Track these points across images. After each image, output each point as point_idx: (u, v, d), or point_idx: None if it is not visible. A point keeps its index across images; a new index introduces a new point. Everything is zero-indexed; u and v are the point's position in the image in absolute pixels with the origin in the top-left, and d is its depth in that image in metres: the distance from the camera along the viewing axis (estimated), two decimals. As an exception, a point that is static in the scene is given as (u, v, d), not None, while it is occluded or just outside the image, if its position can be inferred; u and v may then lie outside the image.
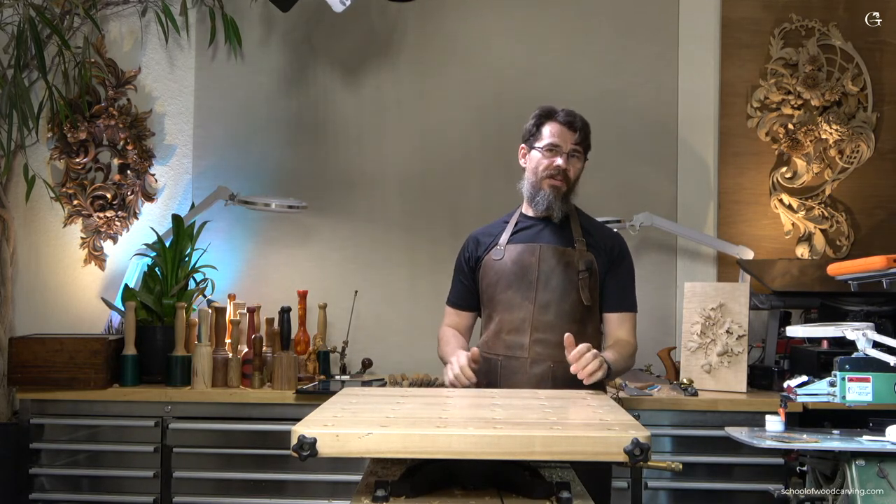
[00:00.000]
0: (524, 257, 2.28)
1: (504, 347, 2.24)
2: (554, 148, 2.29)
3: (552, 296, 2.24)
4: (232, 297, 3.25)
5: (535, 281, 2.25)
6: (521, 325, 2.23)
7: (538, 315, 2.23)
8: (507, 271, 2.28)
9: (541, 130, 2.32)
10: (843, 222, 3.32)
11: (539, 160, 2.31)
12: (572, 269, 2.26)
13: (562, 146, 2.29)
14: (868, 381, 2.01)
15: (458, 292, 2.45)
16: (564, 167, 2.29)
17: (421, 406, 1.70)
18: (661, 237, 3.33)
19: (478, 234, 2.44)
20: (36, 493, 2.86)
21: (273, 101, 3.42)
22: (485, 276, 2.33)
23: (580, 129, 2.30)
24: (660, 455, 2.74)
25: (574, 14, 3.40)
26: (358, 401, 1.77)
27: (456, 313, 2.45)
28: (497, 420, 1.50)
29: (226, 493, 2.82)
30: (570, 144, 2.29)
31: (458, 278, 2.44)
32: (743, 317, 2.90)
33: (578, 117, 2.32)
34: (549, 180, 2.29)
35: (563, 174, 2.29)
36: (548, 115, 2.33)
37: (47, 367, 2.84)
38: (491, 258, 2.32)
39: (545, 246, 2.28)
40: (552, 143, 2.29)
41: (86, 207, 3.34)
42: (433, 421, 1.48)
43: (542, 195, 2.30)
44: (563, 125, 2.30)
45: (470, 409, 1.65)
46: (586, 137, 2.33)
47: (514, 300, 2.26)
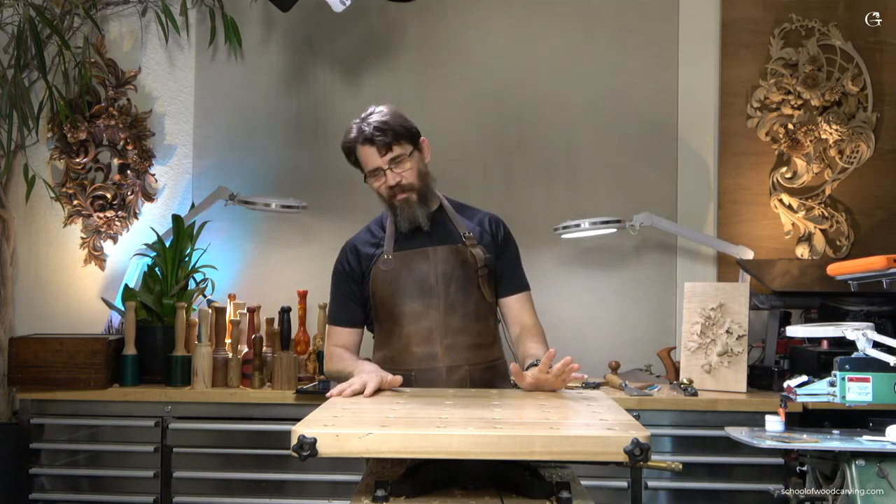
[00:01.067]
0: (418, 263, 2.15)
1: (416, 360, 2.12)
2: (375, 172, 2.15)
3: (455, 298, 2.13)
4: (232, 297, 3.25)
5: (435, 286, 2.13)
6: (430, 335, 2.12)
7: (445, 321, 2.12)
8: (403, 281, 2.14)
9: (358, 160, 2.17)
10: (843, 222, 3.32)
11: (374, 186, 2.18)
12: (469, 266, 2.15)
13: (380, 166, 2.13)
14: (868, 381, 2.01)
15: (341, 308, 2.24)
16: (394, 182, 2.13)
17: (421, 406, 1.70)
18: (661, 237, 3.33)
19: (354, 243, 2.26)
20: (36, 493, 2.86)
21: (273, 101, 3.42)
22: (377, 290, 2.17)
23: (379, 139, 2.11)
24: (660, 455, 2.74)
25: (574, 14, 3.40)
26: (358, 401, 1.77)
27: (343, 331, 2.24)
28: (497, 420, 1.50)
29: (226, 493, 2.82)
30: (382, 160, 2.13)
31: (340, 294, 2.24)
32: (743, 317, 2.90)
33: (372, 127, 2.12)
34: (392, 199, 2.16)
35: (401, 187, 2.14)
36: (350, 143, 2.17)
37: (47, 367, 2.84)
38: (379, 269, 2.16)
39: (437, 248, 2.16)
40: (371, 169, 2.15)
41: (86, 207, 3.34)
42: (433, 421, 1.48)
43: (400, 213, 2.16)
44: (365, 146, 2.13)
45: (470, 409, 1.65)
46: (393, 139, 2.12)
47: (417, 310, 2.13)
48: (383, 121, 2.13)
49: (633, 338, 3.32)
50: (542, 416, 1.56)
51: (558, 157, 3.37)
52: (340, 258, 2.25)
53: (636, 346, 3.29)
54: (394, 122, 2.14)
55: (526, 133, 3.38)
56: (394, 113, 2.17)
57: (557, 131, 3.37)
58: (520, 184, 3.37)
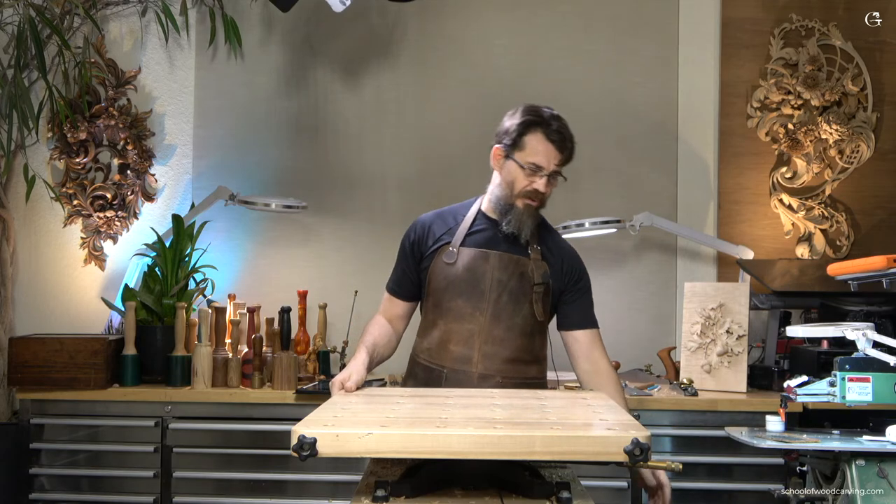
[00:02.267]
0: (477, 264, 2.09)
1: (451, 359, 2.09)
2: (537, 170, 2.05)
3: (504, 308, 2.08)
4: (232, 297, 3.25)
5: (487, 291, 2.08)
6: (470, 338, 2.08)
7: (488, 328, 2.07)
8: (458, 278, 2.09)
9: (524, 139, 2.06)
10: (843, 222, 3.32)
11: (517, 176, 2.08)
12: (526, 280, 2.09)
13: (545, 167, 2.05)
14: (868, 381, 2.01)
15: (398, 279, 2.22)
16: (543, 190, 2.07)
17: (421, 406, 1.70)
18: (661, 237, 3.33)
19: (429, 220, 2.20)
20: (36, 493, 2.85)
21: (273, 101, 3.42)
22: (433, 279, 2.13)
23: (568, 149, 2.07)
24: (659, 455, 2.74)
25: (574, 14, 3.40)
26: (358, 401, 1.77)
27: (393, 301, 2.23)
28: (497, 420, 1.50)
29: (226, 493, 2.82)
30: (554, 165, 2.06)
31: (401, 265, 2.21)
32: (743, 317, 2.90)
33: (568, 135, 2.07)
34: (524, 199, 2.08)
35: (541, 197, 2.09)
36: (536, 124, 2.05)
37: (47, 367, 2.84)
38: (442, 261, 2.11)
39: (499, 253, 2.09)
40: (536, 163, 2.05)
41: (86, 207, 3.34)
42: (433, 421, 1.48)
43: (514, 213, 2.09)
44: (552, 143, 2.04)
45: (470, 409, 1.65)
46: (572, 156, 2.09)
47: (464, 310, 2.08)
48: (572, 138, 2.08)
49: (633, 338, 3.32)
50: (542, 416, 1.56)
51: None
52: (409, 232, 2.21)
53: (636, 347, 3.29)
54: (574, 144, 2.10)
55: (526, 133, 3.38)
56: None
57: (557, 131, 3.37)
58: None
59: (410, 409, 1.64)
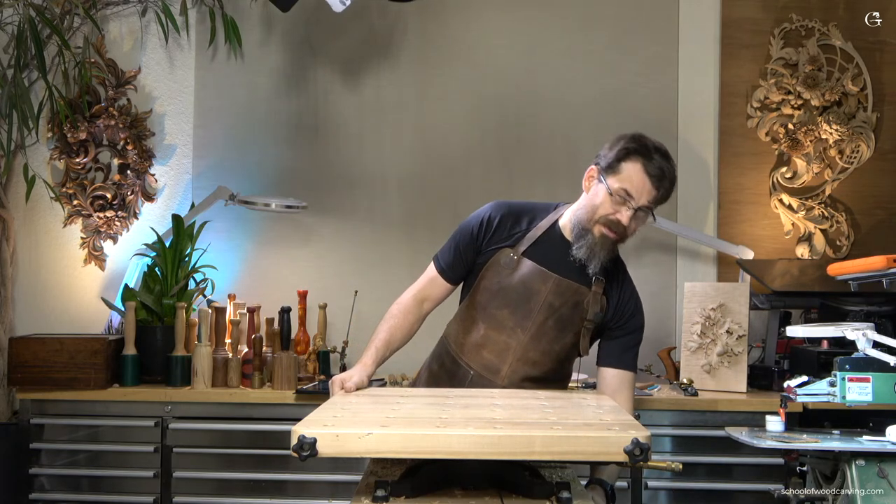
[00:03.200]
0: (534, 281, 2.00)
1: (481, 363, 2.04)
2: (626, 198, 1.92)
3: (547, 332, 2.01)
4: (232, 297, 3.25)
5: (535, 311, 2.00)
6: (505, 351, 2.02)
7: (525, 347, 2.02)
8: (510, 288, 2.01)
9: (621, 165, 1.93)
10: (843, 222, 3.32)
11: (602, 200, 1.95)
12: (579, 311, 2.01)
13: (635, 198, 1.92)
14: (868, 381, 2.01)
15: (451, 262, 2.09)
16: (626, 222, 1.93)
17: (421, 406, 1.70)
18: (661, 237, 3.33)
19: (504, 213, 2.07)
20: (36, 493, 2.85)
21: (273, 101, 3.42)
22: (486, 277, 2.05)
23: (663, 187, 1.93)
24: (660, 455, 2.74)
25: (574, 14, 3.40)
26: (358, 401, 1.77)
27: (436, 282, 2.10)
28: (497, 420, 1.50)
29: (226, 493, 2.82)
30: (646, 201, 1.93)
31: (459, 247, 2.08)
32: (743, 317, 2.90)
33: (669, 173, 1.93)
34: (602, 227, 1.96)
35: (623, 230, 1.95)
36: (637, 153, 1.93)
37: (47, 367, 2.84)
38: (499, 262, 2.03)
39: (559, 278, 2.00)
40: (626, 190, 1.92)
41: (86, 207, 3.34)
42: (433, 421, 1.48)
43: (587, 240, 1.96)
44: (648, 176, 1.91)
45: (470, 409, 1.65)
46: (667, 196, 1.96)
47: (506, 322, 2.02)
48: (673, 177, 1.95)
49: None
50: (542, 416, 1.56)
51: (559, 156, 3.37)
52: (481, 215, 2.07)
53: None
54: (673, 186, 1.97)
55: (526, 133, 3.38)
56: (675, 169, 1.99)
57: (558, 131, 3.37)
58: (520, 183, 3.36)
59: (410, 409, 1.64)
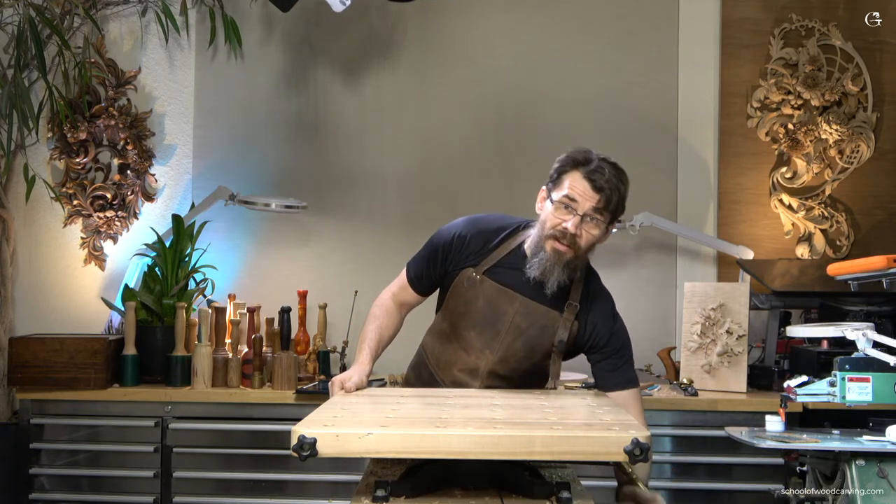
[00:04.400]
0: (500, 303, 1.96)
1: (452, 380, 2.03)
2: (569, 205, 1.89)
3: (515, 353, 1.97)
4: (232, 297, 3.25)
5: (503, 333, 1.96)
6: (476, 370, 2.00)
7: (495, 368, 1.99)
8: (477, 310, 1.97)
9: (562, 178, 1.93)
10: (843, 222, 3.32)
11: (549, 213, 1.93)
12: (548, 335, 1.97)
13: (579, 203, 1.89)
14: (868, 381, 2.01)
15: (419, 274, 2.08)
16: (573, 231, 1.88)
17: (421, 406, 1.70)
18: (661, 237, 3.33)
19: (470, 232, 2.03)
20: (36, 493, 2.86)
21: (273, 101, 3.42)
22: (453, 297, 2.02)
23: (605, 190, 1.88)
24: (660, 455, 2.75)
25: (574, 14, 3.40)
26: (358, 401, 1.77)
27: (408, 290, 2.10)
28: (497, 420, 1.50)
29: (226, 493, 2.82)
30: (590, 207, 1.88)
31: (427, 262, 2.06)
32: (743, 317, 2.90)
33: (609, 175, 1.89)
34: (552, 241, 1.91)
35: (572, 239, 1.89)
36: (577, 162, 1.92)
37: (47, 367, 2.84)
38: (463, 283, 1.99)
39: (525, 300, 1.96)
40: (569, 196, 1.89)
41: (86, 207, 3.34)
42: (433, 421, 1.48)
43: (540, 257, 1.92)
44: (587, 180, 1.88)
45: (470, 409, 1.65)
46: (612, 202, 1.89)
47: (474, 344, 1.99)
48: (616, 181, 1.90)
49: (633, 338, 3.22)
50: (542, 416, 1.56)
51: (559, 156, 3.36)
52: (446, 234, 2.04)
53: (636, 347, 3.20)
54: (624, 191, 1.92)
55: (526, 133, 3.38)
56: (627, 182, 1.94)
57: (558, 131, 3.37)
58: (520, 183, 3.36)
59: (410, 409, 1.64)
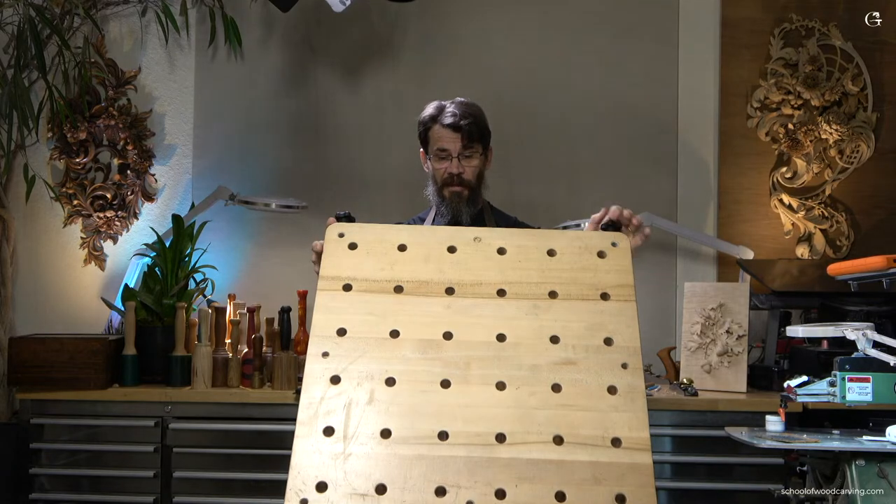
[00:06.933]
0: None
1: None
2: (442, 155, 2.23)
3: None
4: (232, 297, 3.25)
5: None
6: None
7: None
8: None
9: (428, 136, 2.27)
10: (843, 222, 3.32)
11: (433, 169, 2.27)
12: None
13: (450, 150, 2.22)
14: (868, 381, 2.01)
15: None
16: (457, 171, 2.22)
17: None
18: (661, 237, 3.33)
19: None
20: (36, 493, 2.85)
21: (273, 101, 3.42)
22: None
23: (466, 128, 2.20)
24: (660, 455, 2.75)
25: (574, 14, 3.40)
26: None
27: None
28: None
29: (226, 493, 2.82)
30: (458, 147, 2.22)
31: None
32: (743, 317, 2.90)
33: (462, 114, 2.22)
34: (446, 188, 2.24)
35: (460, 178, 2.23)
36: (432, 120, 2.25)
37: (47, 367, 2.84)
38: None
39: None
40: (440, 148, 2.23)
41: (86, 207, 3.34)
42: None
43: (445, 204, 2.25)
44: (448, 128, 2.21)
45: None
46: (474, 134, 2.22)
47: None
48: (472, 113, 2.23)
49: None
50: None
51: (558, 156, 3.37)
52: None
53: None
54: (481, 119, 2.25)
55: (526, 133, 3.38)
56: (480, 111, 2.26)
57: (557, 131, 3.37)
58: (519, 183, 3.37)
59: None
